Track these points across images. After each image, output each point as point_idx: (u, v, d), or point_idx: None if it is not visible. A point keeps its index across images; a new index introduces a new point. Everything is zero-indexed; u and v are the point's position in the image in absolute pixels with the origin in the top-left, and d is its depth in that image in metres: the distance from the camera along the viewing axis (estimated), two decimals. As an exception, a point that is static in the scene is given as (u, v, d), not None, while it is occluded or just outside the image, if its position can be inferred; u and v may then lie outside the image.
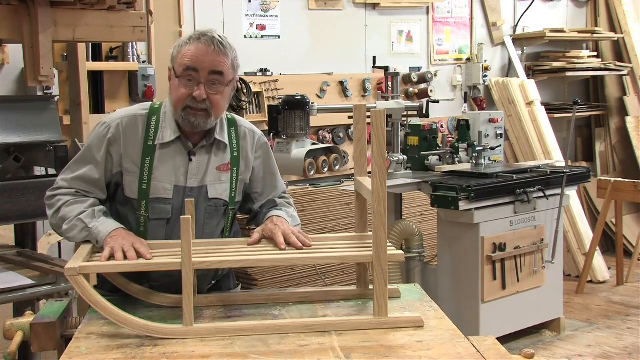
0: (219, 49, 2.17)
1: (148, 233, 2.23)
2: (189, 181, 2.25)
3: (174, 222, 2.22)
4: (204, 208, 2.26)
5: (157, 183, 2.22)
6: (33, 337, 2.01)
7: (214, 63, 2.17)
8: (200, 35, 2.19)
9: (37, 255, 3.35)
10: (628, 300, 5.60)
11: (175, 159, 2.24)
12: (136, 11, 3.47)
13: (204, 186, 2.26)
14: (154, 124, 2.25)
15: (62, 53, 4.13)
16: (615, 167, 7.21)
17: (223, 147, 2.30)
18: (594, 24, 7.35)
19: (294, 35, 5.39)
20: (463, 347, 1.82)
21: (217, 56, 2.17)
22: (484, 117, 4.95)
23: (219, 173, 2.29)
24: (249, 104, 5.02)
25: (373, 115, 1.90)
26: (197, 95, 2.16)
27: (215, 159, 2.29)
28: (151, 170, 2.21)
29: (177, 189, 2.23)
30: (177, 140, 2.24)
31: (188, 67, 2.16)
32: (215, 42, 2.17)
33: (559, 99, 7.18)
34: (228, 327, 1.92)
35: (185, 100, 2.18)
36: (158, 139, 2.23)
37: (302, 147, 4.12)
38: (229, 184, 2.30)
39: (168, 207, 2.23)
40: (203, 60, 2.16)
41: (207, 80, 2.17)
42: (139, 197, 2.22)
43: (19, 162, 3.41)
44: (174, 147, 2.24)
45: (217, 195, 2.28)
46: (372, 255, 1.92)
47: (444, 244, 4.46)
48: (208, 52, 2.16)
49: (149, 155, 2.22)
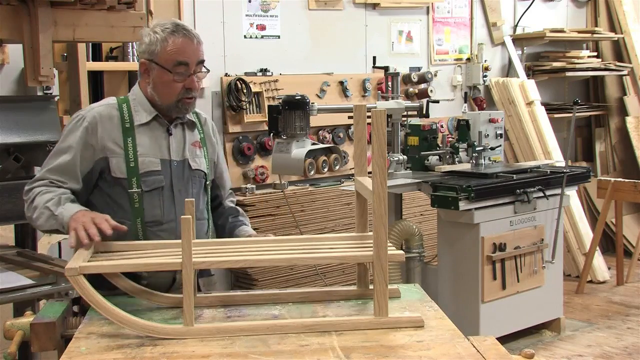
0: (198, 40, 2.34)
1: (144, 207, 2.32)
2: (172, 155, 2.38)
3: (166, 192, 2.35)
4: (190, 179, 2.41)
5: (145, 158, 2.33)
6: (33, 337, 2.01)
7: (198, 54, 2.34)
8: (175, 28, 2.32)
9: (37, 255, 3.36)
10: (628, 300, 5.60)
11: (156, 136, 2.38)
12: (136, 11, 3.47)
13: (185, 159, 2.41)
14: (126, 109, 2.37)
15: (62, 53, 4.13)
16: (615, 167, 7.21)
17: (192, 126, 2.47)
18: (594, 24, 7.35)
19: (294, 35, 5.39)
20: (463, 347, 1.82)
21: (199, 46, 2.35)
22: (484, 117, 4.95)
23: (194, 148, 2.45)
24: (249, 104, 5.02)
25: (373, 115, 1.90)
26: (193, 86, 2.34)
27: (189, 136, 2.45)
28: (135, 149, 2.32)
29: (163, 162, 2.36)
30: (153, 120, 2.38)
31: (180, 62, 2.30)
32: (194, 34, 2.33)
33: (559, 99, 7.18)
34: (228, 327, 1.92)
35: (180, 92, 2.34)
36: (135, 121, 2.36)
37: (302, 147, 4.12)
38: (204, 158, 2.47)
39: (160, 177, 2.35)
40: (192, 54, 2.32)
41: (195, 71, 2.34)
42: (129, 175, 2.32)
43: (19, 162, 3.41)
44: (152, 126, 2.38)
45: (197, 167, 2.44)
46: (373, 255, 1.92)
47: (444, 244, 4.46)
48: (193, 45, 2.32)
49: (129, 136, 2.33)
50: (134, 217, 2.33)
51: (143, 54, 2.36)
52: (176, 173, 2.38)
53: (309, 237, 2.34)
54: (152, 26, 2.37)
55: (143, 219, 2.33)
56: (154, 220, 2.34)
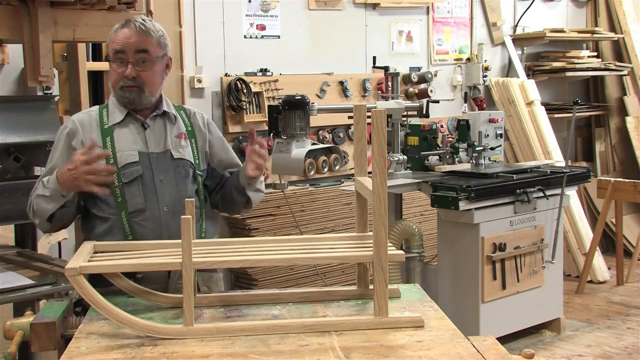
0: (141, 30, 2.42)
1: (126, 199, 2.40)
2: (150, 147, 2.46)
3: (147, 182, 2.42)
4: (173, 168, 2.47)
5: (122, 152, 2.42)
6: (33, 337, 2.01)
7: (138, 43, 2.41)
8: (126, 21, 2.45)
9: (37, 255, 3.36)
10: (628, 300, 5.60)
11: (132, 131, 2.47)
12: (136, 11, 3.47)
13: (167, 150, 2.48)
14: (105, 113, 2.49)
15: (62, 53, 4.13)
16: (615, 167, 7.21)
17: (173, 118, 2.53)
18: (594, 24, 7.35)
19: (294, 35, 5.39)
20: (463, 347, 1.82)
21: (140, 36, 2.41)
22: (484, 117, 4.95)
23: (178, 139, 2.51)
24: (249, 104, 5.02)
25: (373, 115, 1.90)
26: (128, 73, 2.41)
27: (171, 129, 2.51)
28: (113, 146, 2.42)
29: (141, 155, 2.44)
30: (128, 117, 2.47)
31: (117, 50, 2.42)
32: (137, 25, 2.42)
33: (559, 99, 7.18)
34: (228, 327, 1.92)
35: (120, 80, 2.43)
36: (111, 122, 2.47)
37: (302, 147, 4.12)
38: (190, 148, 2.52)
39: (137, 167, 2.42)
40: (128, 42, 2.41)
41: (135, 60, 2.41)
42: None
43: (19, 162, 3.41)
44: (127, 123, 2.48)
45: (181, 156, 2.49)
46: (373, 255, 1.92)
47: (444, 244, 4.46)
48: (132, 35, 2.41)
49: (107, 136, 2.44)
50: (118, 211, 2.40)
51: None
52: (157, 164, 2.45)
53: (309, 237, 2.34)
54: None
55: (127, 210, 2.39)
56: (136, 209, 2.40)
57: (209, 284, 2.49)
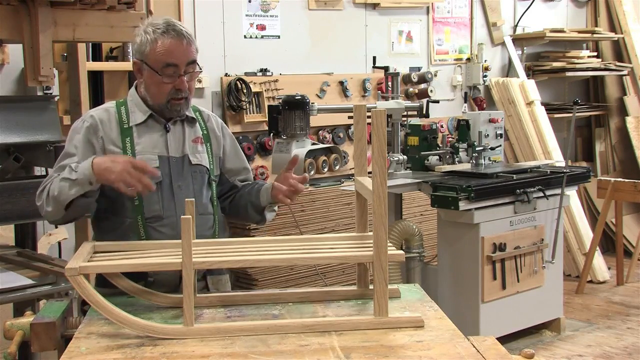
0: (188, 40, 2.34)
1: (143, 204, 2.33)
2: (170, 151, 2.40)
3: (165, 188, 2.36)
4: (190, 174, 2.42)
5: (142, 156, 2.35)
6: (33, 337, 2.01)
7: (188, 55, 2.34)
8: (166, 28, 2.32)
9: (37, 255, 3.36)
10: (628, 300, 5.60)
11: (153, 133, 2.40)
12: (136, 11, 3.47)
13: (185, 155, 2.42)
14: (124, 111, 2.41)
15: (62, 53, 4.13)
16: (615, 167, 7.21)
17: (192, 122, 2.48)
18: (594, 24, 7.35)
19: (294, 35, 5.39)
20: (463, 347, 1.82)
21: (189, 47, 2.34)
22: (484, 117, 4.95)
23: (195, 144, 2.46)
24: (249, 104, 5.02)
25: (373, 115, 1.90)
26: (183, 87, 2.34)
27: (189, 132, 2.46)
28: (133, 147, 2.36)
29: (161, 159, 2.38)
30: (150, 118, 2.40)
31: (169, 63, 2.32)
32: (184, 34, 2.33)
33: (559, 99, 7.18)
34: (228, 327, 1.92)
35: (169, 93, 2.35)
36: (132, 122, 2.39)
37: (302, 147, 4.11)
38: (206, 154, 2.48)
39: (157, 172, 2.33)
40: (181, 55, 2.32)
41: (185, 71, 2.34)
42: None
43: (19, 162, 3.40)
44: (149, 124, 2.40)
45: (198, 162, 2.44)
46: (373, 255, 1.92)
47: (444, 244, 4.46)
48: (182, 46, 2.32)
49: (127, 136, 2.37)
50: (134, 214, 2.34)
51: (135, 54, 2.39)
52: (175, 169, 2.39)
53: (309, 237, 2.34)
54: (145, 25, 2.38)
55: (143, 215, 2.34)
56: (154, 215, 2.35)
57: (218, 286, 2.48)
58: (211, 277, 2.47)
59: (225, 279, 2.54)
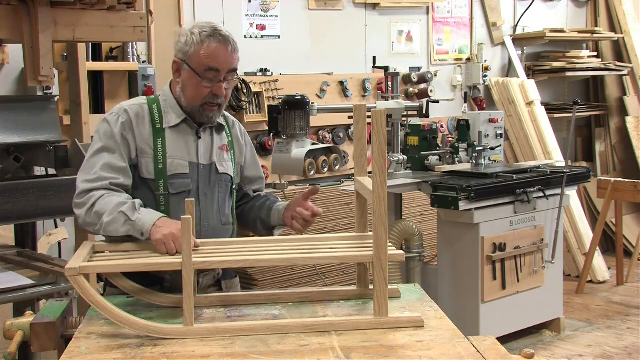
0: (233, 47, 2.30)
1: (170, 210, 2.28)
2: (200, 159, 2.36)
3: (192, 195, 2.31)
4: (216, 183, 2.38)
5: (173, 161, 2.31)
6: (33, 337, 2.01)
7: (231, 62, 2.30)
8: (213, 32, 2.28)
9: (37, 255, 3.36)
10: (628, 300, 5.60)
11: (186, 138, 2.35)
12: (136, 11, 3.46)
13: (213, 163, 2.39)
14: (156, 110, 2.35)
15: (62, 53, 4.13)
16: (615, 167, 7.21)
17: (220, 129, 2.45)
18: (594, 24, 7.35)
19: (294, 35, 5.39)
20: (463, 347, 1.82)
21: (233, 54, 2.30)
22: (484, 117, 4.95)
23: (222, 152, 2.42)
24: (249, 104, 5.01)
25: (373, 115, 1.90)
26: (220, 93, 2.30)
27: (217, 140, 2.42)
28: (164, 150, 2.30)
29: (192, 166, 2.34)
30: (183, 122, 2.35)
31: (211, 67, 2.28)
32: (230, 41, 2.29)
33: (559, 99, 7.18)
34: (228, 327, 1.92)
35: (205, 97, 2.30)
36: (165, 123, 2.34)
37: (302, 147, 4.11)
38: (231, 162, 2.45)
39: (187, 181, 2.33)
40: (224, 61, 2.28)
41: (225, 78, 2.31)
42: (157, 177, 2.30)
43: (19, 162, 3.41)
44: (182, 129, 2.36)
45: (225, 171, 2.41)
46: (373, 255, 1.92)
47: (444, 244, 4.46)
48: (227, 52, 2.28)
49: (159, 137, 2.31)
50: None
51: (178, 53, 2.33)
52: (203, 177, 2.35)
53: (309, 237, 2.34)
54: (191, 27, 2.33)
55: None
56: None
57: (230, 289, 2.45)
58: (225, 281, 2.44)
59: (237, 281, 2.52)
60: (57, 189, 3.19)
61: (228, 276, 2.48)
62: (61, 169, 3.40)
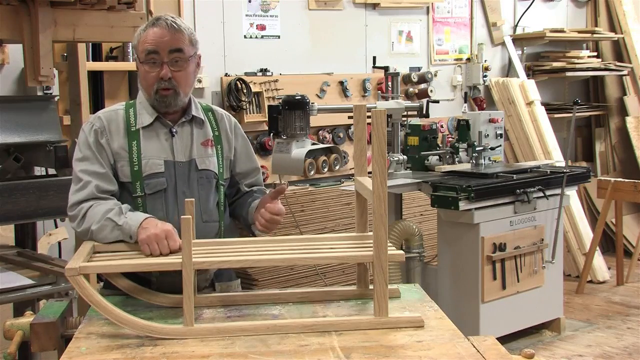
0: (173, 28, 2.30)
1: (147, 210, 2.29)
2: (176, 156, 2.36)
3: (169, 194, 2.32)
4: (196, 180, 2.37)
5: (148, 160, 2.32)
6: (33, 337, 2.01)
7: (171, 42, 2.30)
8: (155, 20, 2.34)
9: (37, 255, 3.36)
10: (628, 300, 5.60)
11: (159, 137, 2.36)
12: (136, 11, 3.47)
13: (192, 160, 2.38)
14: (132, 113, 2.38)
15: (62, 53, 4.13)
16: (615, 167, 7.21)
17: (201, 123, 2.43)
18: (594, 24, 7.35)
19: (294, 35, 5.39)
20: (463, 347, 1.82)
21: (173, 34, 2.30)
22: (484, 117, 4.95)
23: (205, 148, 2.40)
24: (249, 104, 5.02)
25: (373, 115, 1.90)
26: (163, 74, 2.30)
27: (198, 135, 2.41)
28: (139, 152, 2.32)
29: (167, 164, 2.34)
30: (156, 121, 2.37)
31: (149, 51, 2.30)
32: (168, 23, 2.31)
33: (559, 99, 7.18)
34: (228, 327, 1.92)
35: (155, 83, 2.31)
36: (139, 124, 2.36)
37: (302, 147, 4.11)
38: (216, 157, 2.42)
39: (162, 179, 2.33)
40: (161, 42, 2.29)
41: (169, 60, 2.30)
42: (133, 179, 2.31)
43: (19, 162, 3.41)
44: (156, 127, 2.37)
45: (206, 167, 2.39)
46: (373, 255, 1.92)
47: (444, 244, 4.46)
48: (164, 34, 2.30)
49: (134, 139, 2.33)
50: None
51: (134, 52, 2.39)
52: (180, 174, 2.34)
53: (309, 237, 2.34)
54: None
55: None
56: None
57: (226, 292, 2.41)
58: (220, 284, 2.43)
59: (236, 284, 2.49)
60: (57, 189, 3.19)
61: (225, 278, 2.45)
62: (61, 169, 3.40)
